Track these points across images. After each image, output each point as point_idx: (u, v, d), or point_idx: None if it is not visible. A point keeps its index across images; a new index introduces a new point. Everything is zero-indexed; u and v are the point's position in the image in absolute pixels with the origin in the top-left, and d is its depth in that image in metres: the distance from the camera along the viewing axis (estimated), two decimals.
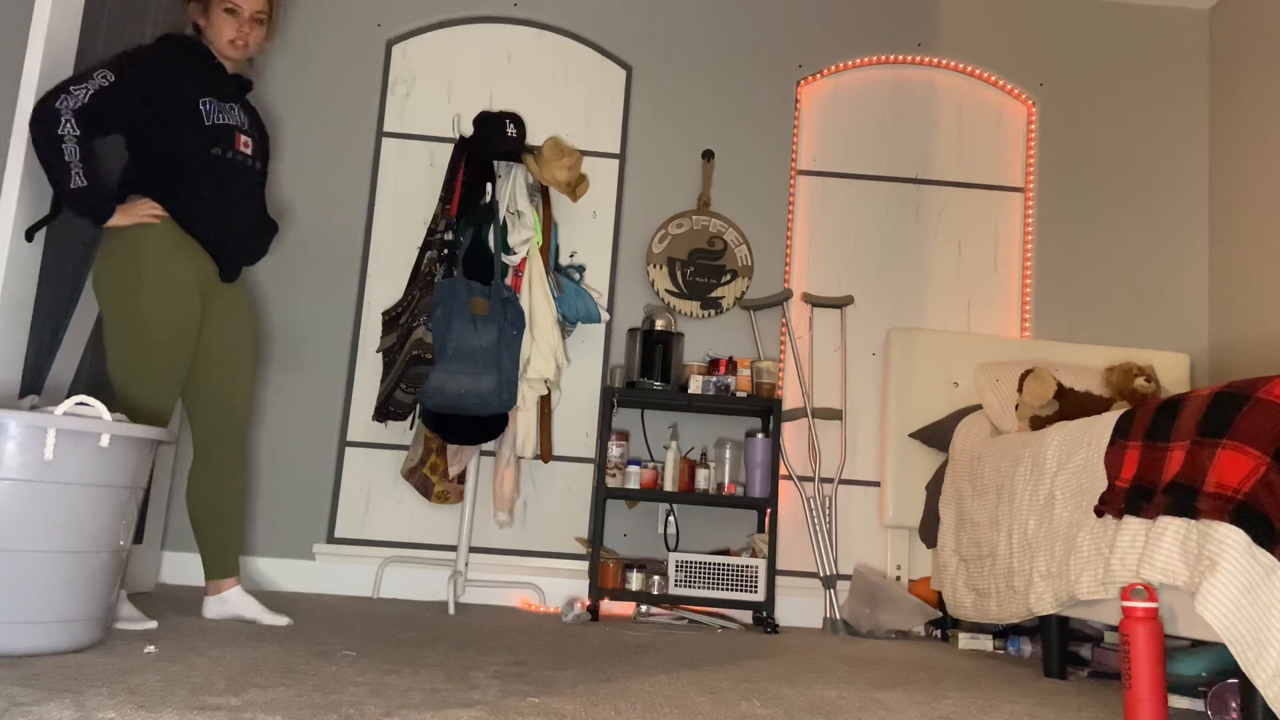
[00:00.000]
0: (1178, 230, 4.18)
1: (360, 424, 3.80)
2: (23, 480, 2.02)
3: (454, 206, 3.58)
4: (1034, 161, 4.16)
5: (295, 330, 3.82)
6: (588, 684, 2.15)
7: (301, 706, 1.71)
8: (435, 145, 3.98)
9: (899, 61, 4.19)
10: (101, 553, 2.15)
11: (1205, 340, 4.11)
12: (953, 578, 3.27)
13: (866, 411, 3.96)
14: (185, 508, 3.52)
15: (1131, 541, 2.29)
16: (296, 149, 3.92)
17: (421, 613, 3.28)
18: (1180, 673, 2.49)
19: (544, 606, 3.70)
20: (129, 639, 2.31)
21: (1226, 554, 1.94)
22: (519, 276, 3.60)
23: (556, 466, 3.83)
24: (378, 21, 4.02)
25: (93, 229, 2.75)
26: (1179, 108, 4.25)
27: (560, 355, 3.58)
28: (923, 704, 2.20)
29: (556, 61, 4.07)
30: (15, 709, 1.55)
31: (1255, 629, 1.90)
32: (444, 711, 1.76)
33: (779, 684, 2.35)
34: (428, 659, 2.33)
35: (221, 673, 1.97)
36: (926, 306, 4.05)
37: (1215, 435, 2.07)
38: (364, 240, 3.90)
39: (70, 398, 2.14)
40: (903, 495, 3.79)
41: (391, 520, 3.76)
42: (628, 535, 3.81)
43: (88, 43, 2.69)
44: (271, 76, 3.95)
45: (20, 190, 2.46)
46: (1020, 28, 4.24)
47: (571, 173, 3.67)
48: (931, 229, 4.10)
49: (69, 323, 2.73)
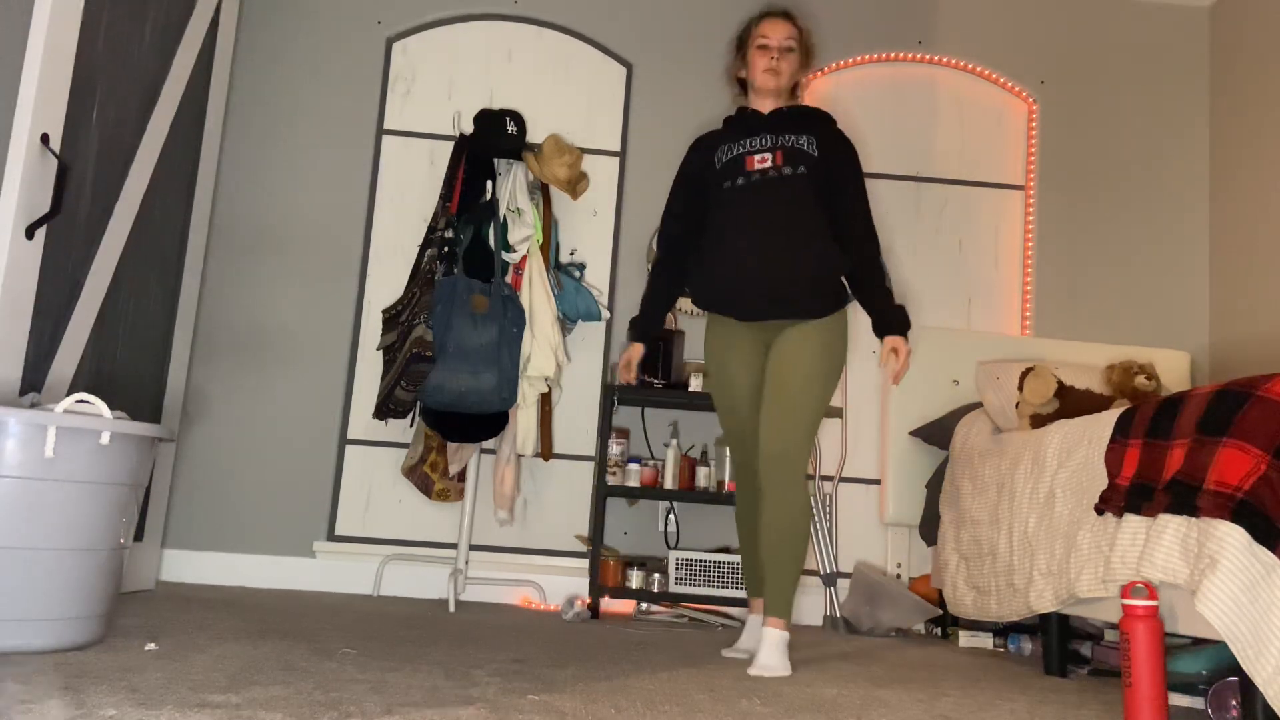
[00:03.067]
0: (1178, 228, 4.17)
1: (361, 422, 3.80)
2: (23, 478, 2.02)
3: (454, 204, 3.58)
4: (1035, 159, 4.15)
5: (296, 328, 3.82)
6: (588, 682, 2.15)
7: (302, 704, 1.71)
8: (435, 143, 3.97)
9: (899, 59, 4.19)
10: (102, 550, 2.16)
11: (1206, 338, 4.10)
12: (953, 576, 3.27)
13: (867, 409, 3.96)
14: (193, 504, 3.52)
15: (1132, 539, 2.29)
16: (297, 147, 3.92)
17: (422, 610, 3.28)
18: (1180, 671, 2.49)
19: (544, 604, 3.70)
20: (129, 636, 2.32)
21: (1227, 552, 1.94)
22: (519, 274, 3.60)
23: (557, 464, 3.83)
24: (378, 19, 4.02)
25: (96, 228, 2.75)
26: (1180, 105, 4.24)
27: (561, 353, 3.58)
28: (923, 702, 2.20)
29: (557, 59, 4.07)
30: (16, 706, 1.55)
31: (1255, 627, 1.90)
32: (444, 709, 1.76)
33: (779, 682, 2.35)
34: (428, 656, 2.33)
35: (222, 670, 1.97)
36: (927, 304, 4.05)
37: (1216, 433, 2.07)
38: (364, 238, 3.90)
39: (70, 395, 2.14)
40: (903, 493, 3.79)
41: (392, 518, 3.76)
42: (628, 533, 3.81)
43: (88, 43, 2.69)
44: (272, 73, 3.95)
45: (20, 189, 2.46)
46: (1021, 25, 4.24)
47: (572, 170, 3.66)
48: (932, 227, 4.10)
49: (69, 320, 2.73)
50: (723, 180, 2.75)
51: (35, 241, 2.53)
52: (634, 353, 2.96)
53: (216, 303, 3.80)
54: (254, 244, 3.85)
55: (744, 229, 2.68)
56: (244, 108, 3.92)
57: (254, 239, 3.85)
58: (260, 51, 3.96)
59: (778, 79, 2.77)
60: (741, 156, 2.74)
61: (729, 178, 2.74)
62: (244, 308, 3.81)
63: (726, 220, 2.72)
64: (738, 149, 2.76)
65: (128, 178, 2.95)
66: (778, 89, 2.78)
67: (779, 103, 2.80)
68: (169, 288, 3.30)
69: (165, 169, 3.17)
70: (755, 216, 2.68)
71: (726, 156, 2.77)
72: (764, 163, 2.71)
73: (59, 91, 2.56)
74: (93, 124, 2.76)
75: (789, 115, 2.79)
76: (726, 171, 2.75)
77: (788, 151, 2.71)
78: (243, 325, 3.80)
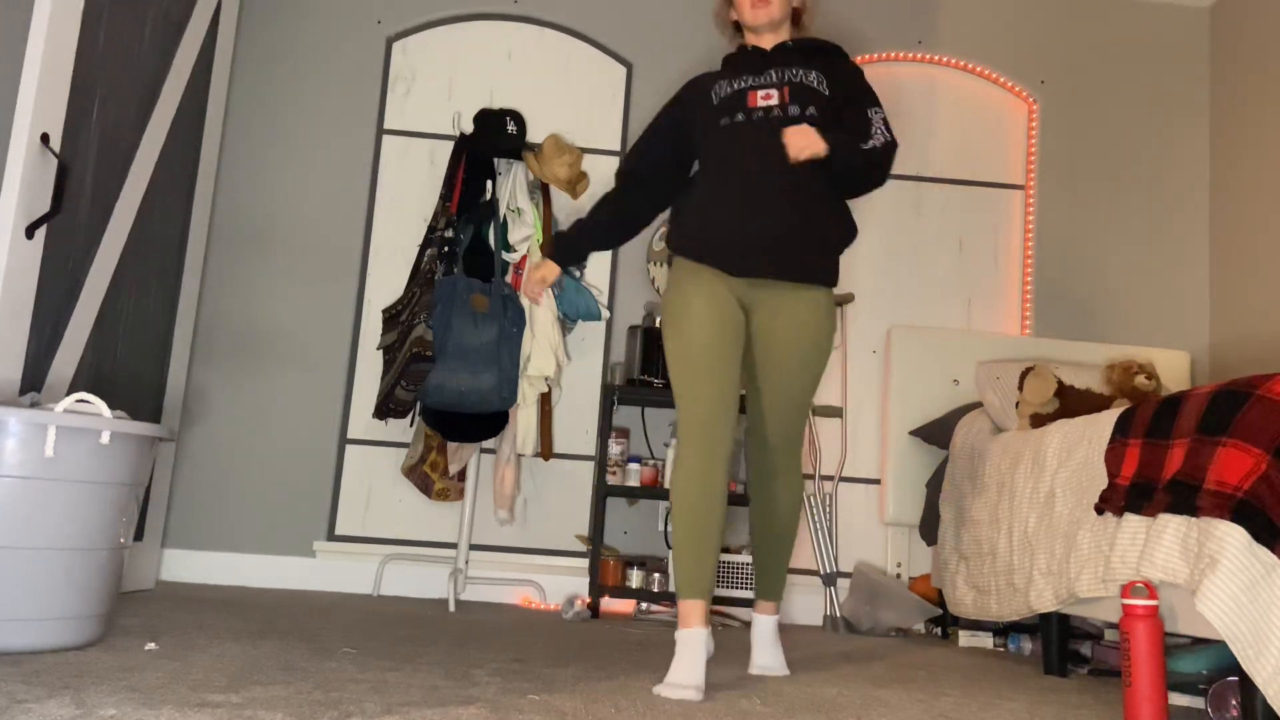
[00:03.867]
0: (1178, 228, 4.17)
1: (361, 421, 3.80)
2: (23, 477, 2.02)
3: (454, 204, 3.58)
4: (1035, 159, 4.15)
5: (296, 328, 3.82)
6: (588, 681, 2.15)
7: (302, 704, 1.71)
8: (435, 143, 3.97)
9: (899, 59, 4.19)
10: (102, 550, 2.16)
11: (1206, 338, 4.10)
12: (953, 575, 3.27)
13: (867, 409, 3.96)
14: (193, 504, 3.53)
15: (1132, 539, 2.29)
16: (297, 147, 3.92)
17: (422, 610, 3.28)
18: (1180, 670, 2.49)
19: (544, 604, 3.70)
20: (129, 636, 2.32)
21: (1227, 552, 1.94)
22: (519, 274, 3.60)
23: (557, 464, 3.83)
24: (378, 19, 4.02)
25: (96, 228, 2.75)
26: (1180, 105, 4.24)
27: (561, 353, 3.58)
28: (923, 701, 2.20)
29: (557, 59, 4.07)
30: (16, 706, 1.55)
31: (1255, 627, 1.90)
32: (444, 709, 1.76)
33: (779, 681, 2.35)
34: (428, 656, 2.33)
35: (222, 670, 1.97)
36: (927, 304, 4.05)
37: (1216, 433, 2.07)
38: (364, 237, 3.90)
39: (70, 395, 2.14)
40: (903, 493, 3.79)
41: (392, 518, 3.76)
42: (628, 533, 3.81)
43: (88, 43, 2.69)
44: (272, 73, 3.95)
45: (20, 189, 2.46)
46: (1021, 25, 4.24)
47: (572, 170, 3.66)
48: (932, 226, 4.10)
49: (69, 320, 2.73)
50: (719, 117, 2.42)
51: (35, 241, 2.53)
52: (549, 271, 2.60)
53: (216, 303, 3.80)
54: (254, 244, 3.85)
55: (743, 173, 2.35)
56: (244, 108, 3.92)
57: (254, 239, 3.85)
58: (260, 51, 3.96)
59: (768, 9, 2.44)
60: (743, 92, 2.42)
61: (727, 114, 2.41)
62: (244, 308, 3.81)
63: (723, 161, 2.39)
64: (739, 84, 2.44)
65: (128, 178, 2.95)
66: (771, 21, 2.46)
67: (780, 37, 2.50)
68: (169, 288, 3.30)
69: (165, 169, 3.17)
70: (758, 159, 2.34)
71: (726, 91, 2.44)
72: (768, 99, 2.38)
73: (59, 91, 2.56)
74: (93, 124, 2.76)
75: (794, 49, 2.49)
76: (725, 108, 2.42)
77: (795, 88, 2.39)
78: (243, 325, 3.80)
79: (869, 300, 4.02)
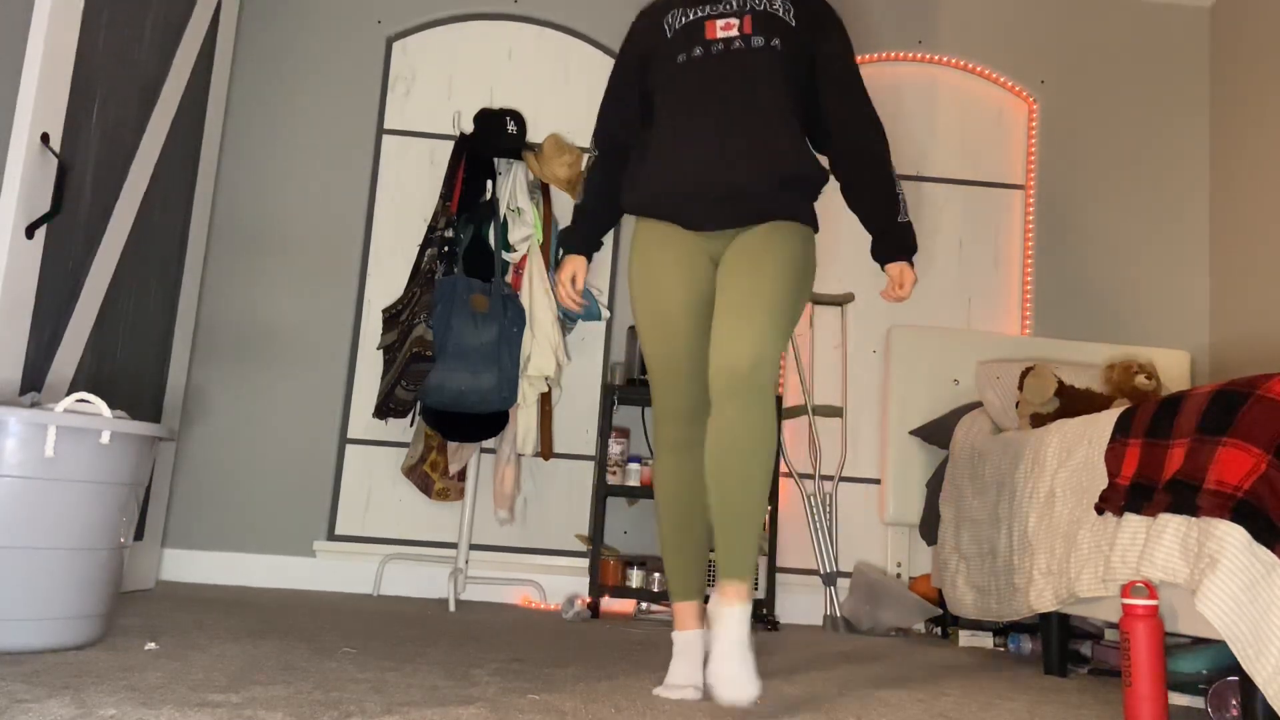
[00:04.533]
0: (1179, 227, 4.17)
1: (361, 421, 3.80)
2: (23, 477, 2.02)
3: (454, 204, 3.58)
4: (1035, 159, 4.15)
5: (296, 327, 3.82)
6: (588, 681, 2.15)
7: (302, 703, 1.71)
8: (436, 142, 3.97)
9: (899, 59, 4.19)
10: (102, 550, 2.16)
11: (1206, 338, 4.10)
12: (953, 575, 3.27)
13: (867, 409, 3.96)
14: (194, 504, 3.52)
15: (1132, 539, 2.29)
16: (297, 147, 3.92)
17: (422, 610, 3.28)
18: (1180, 670, 2.49)
19: (544, 604, 3.70)
20: (129, 636, 2.32)
21: (1227, 551, 1.94)
22: (519, 274, 3.60)
23: (557, 464, 3.83)
24: (378, 18, 4.02)
25: (96, 228, 2.75)
26: (1180, 105, 4.24)
27: (561, 352, 3.58)
28: (923, 701, 2.20)
29: (557, 58, 4.07)
30: (16, 706, 1.55)
31: (1256, 626, 1.90)
32: (444, 708, 1.76)
33: (779, 681, 2.35)
34: (428, 656, 2.33)
35: (222, 670, 1.97)
36: (927, 304, 4.05)
37: (1216, 433, 2.07)
38: (364, 237, 3.90)
39: (71, 395, 2.14)
40: (903, 492, 3.79)
41: (392, 517, 3.76)
42: (628, 532, 3.81)
43: (88, 43, 2.69)
44: (272, 73, 3.95)
45: (20, 189, 2.46)
46: (1021, 25, 4.24)
47: (572, 170, 3.66)
48: (932, 226, 4.10)
49: (69, 320, 2.73)
50: (675, 53, 2.17)
51: (35, 241, 2.53)
52: (578, 266, 2.32)
53: (216, 302, 3.80)
54: (254, 244, 3.85)
55: (699, 114, 2.11)
56: (244, 108, 3.92)
57: (254, 239, 3.85)
58: (260, 51, 3.96)
59: None
60: (700, 21, 2.16)
61: (683, 48, 2.16)
62: (244, 307, 3.81)
63: (678, 103, 2.15)
64: (695, 12, 2.18)
65: (128, 178, 2.95)
66: None
67: None
68: (169, 287, 3.30)
69: (165, 169, 3.17)
70: (715, 98, 2.11)
71: (681, 21, 2.19)
72: (728, 29, 2.13)
73: (59, 91, 2.56)
74: (93, 124, 2.76)
75: None
76: (680, 41, 2.17)
77: (758, 17, 2.14)
78: (243, 325, 3.80)
79: (869, 300, 4.02)
